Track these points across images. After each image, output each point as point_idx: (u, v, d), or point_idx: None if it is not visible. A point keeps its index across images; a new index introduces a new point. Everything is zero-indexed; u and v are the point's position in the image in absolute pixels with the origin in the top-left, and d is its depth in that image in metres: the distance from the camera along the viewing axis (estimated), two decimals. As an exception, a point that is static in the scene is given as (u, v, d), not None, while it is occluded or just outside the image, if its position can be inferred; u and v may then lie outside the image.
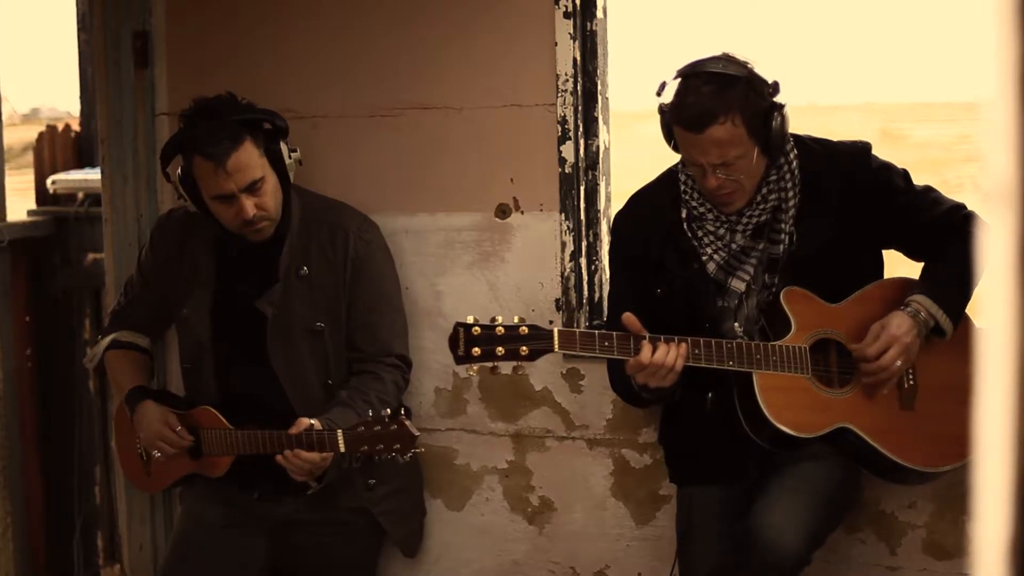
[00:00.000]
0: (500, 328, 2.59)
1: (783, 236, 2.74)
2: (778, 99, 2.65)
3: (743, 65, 2.64)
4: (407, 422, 2.79)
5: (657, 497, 3.25)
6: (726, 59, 2.65)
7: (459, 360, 2.61)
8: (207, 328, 3.11)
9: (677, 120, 2.64)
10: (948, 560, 3.04)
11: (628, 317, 2.62)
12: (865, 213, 2.75)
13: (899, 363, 2.65)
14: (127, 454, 3.31)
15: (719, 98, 2.59)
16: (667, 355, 2.58)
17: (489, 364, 2.60)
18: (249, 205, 2.93)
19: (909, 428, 2.72)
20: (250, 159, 2.93)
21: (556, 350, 2.61)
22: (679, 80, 2.66)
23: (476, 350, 2.59)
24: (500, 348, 2.59)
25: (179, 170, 3.00)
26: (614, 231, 3.00)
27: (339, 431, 2.82)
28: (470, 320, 2.61)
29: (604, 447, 3.28)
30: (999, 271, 0.74)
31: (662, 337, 2.61)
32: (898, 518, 3.07)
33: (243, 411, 3.05)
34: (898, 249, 2.83)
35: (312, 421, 2.87)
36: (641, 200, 2.94)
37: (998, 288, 0.73)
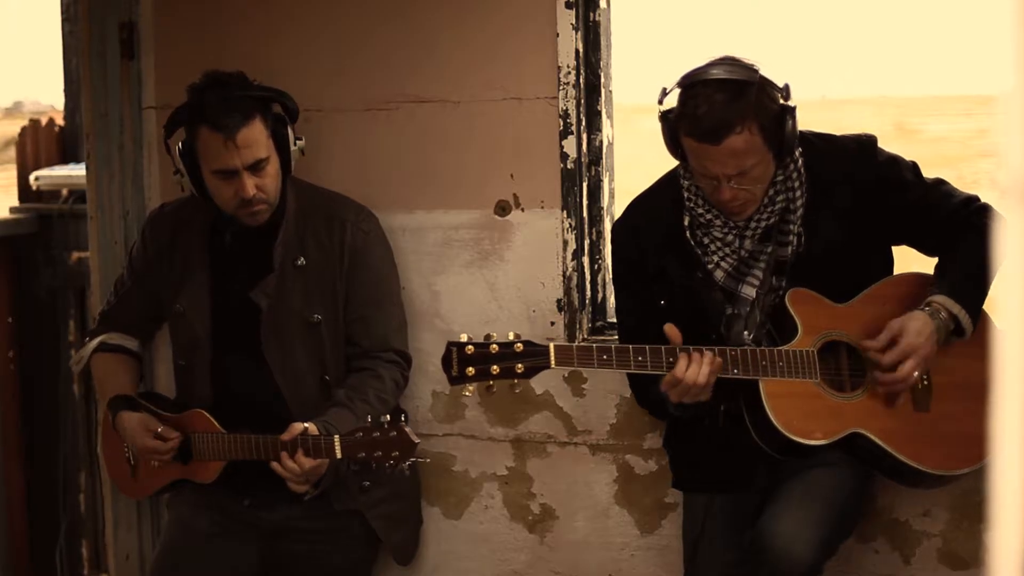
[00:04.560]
0: (494, 346, 2.59)
1: (791, 237, 2.74)
2: (789, 102, 2.63)
3: (750, 68, 2.60)
4: (407, 429, 2.79)
5: (663, 505, 3.26)
6: (731, 63, 2.61)
7: (453, 381, 2.62)
8: (206, 322, 3.11)
9: (690, 132, 2.59)
10: (964, 570, 3.04)
11: (671, 329, 2.61)
12: (874, 209, 2.74)
13: (916, 374, 2.65)
14: (114, 459, 3.31)
15: (733, 106, 2.55)
16: (698, 373, 2.58)
17: (484, 383, 2.61)
18: (250, 184, 2.94)
19: (924, 430, 2.72)
20: (258, 137, 2.95)
21: (552, 366, 2.61)
22: (684, 88, 2.62)
23: (470, 370, 2.59)
24: (495, 367, 2.59)
25: (180, 144, 3.01)
26: (613, 241, 2.99)
27: (336, 437, 2.82)
28: (463, 338, 2.60)
29: (607, 453, 3.29)
30: (1017, 268, 0.74)
31: (691, 348, 2.60)
32: (912, 526, 3.07)
33: (237, 410, 3.05)
34: (911, 245, 2.83)
35: (306, 425, 2.87)
36: (639, 206, 2.92)
37: (1016, 285, 0.73)
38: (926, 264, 2.83)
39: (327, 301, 3.08)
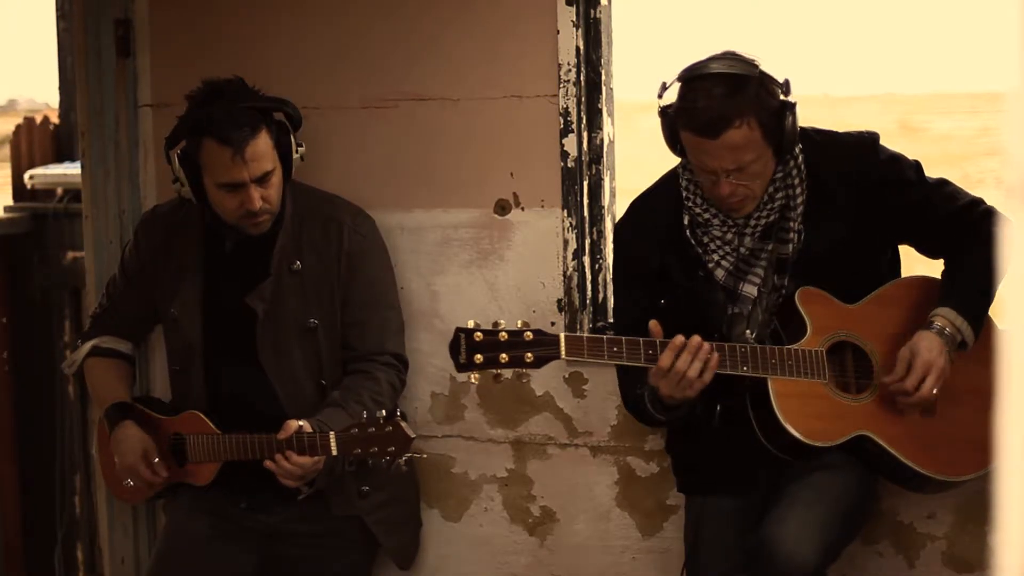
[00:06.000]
0: (503, 334, 2.58)
1: (792, 235, 2.73)
2: (789, 98, 2.63)
3: (750, 63, 2.61)
4: (403, 423, 2.80)
5: (664, 507, 3.25)
6: (731, 58, 2.62)
7: (461, 368, 2.61)
8: (198, 327, 3.11)
9: (688, 126, 2.60)
10: (969, 573, 3.04)
11: (655, 325, 2.61)
12: (875, 208, 2.74)
13: (936, 390, 2.65)
14: (109, 463, 3.30)
15: (732, 101, 2.56)
16: (689, 364, 2.57)
17: (492, 371, 2.60)
18: (256, 196, 2.94)
19: (930, 435, 2.72)
20: (265, 149, 2.95)
21: (563, 357, 2.61)
22: (684, 83, 2.63)
23: (478, 357, 2.58)
24: (504, 355, 2.58)
25: (178, 151, 3.01)
26: (615, 241, 2.99)
27: (331, 433, 2.82)
28: (471, 325, 2.60)
29: (608, 455, 3.28)
30: (1022, 271, 0.74)
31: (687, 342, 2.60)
32: (917, 529, 3.07)
33: (233, 414, 3.05)
34: (912, 245, 2.83)
35: (301, 423, 2.87)
36: (640, 206, 2.92)
37: (1021, 289, 0.73)
38: (932, 265, 2.83)
39: (323, 305, 3.08)
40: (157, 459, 3.05)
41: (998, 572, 0.79)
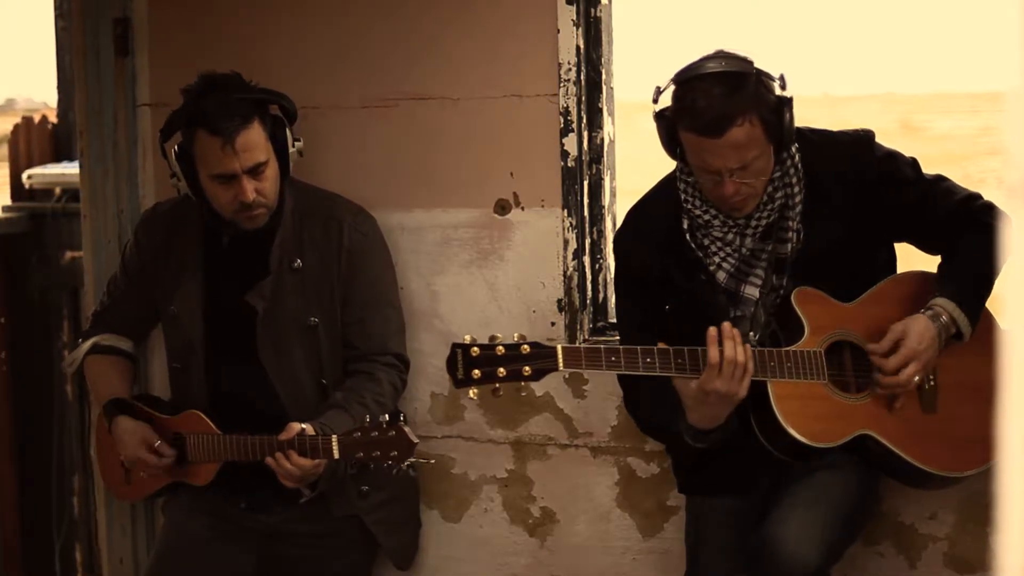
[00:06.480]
0: (500, 348, 2.58)
1: (791, 234, 2.74)
2: (785, 93, 2.64)
3: (744, 60, 2.61)
4: (406, 428, 2.80)
5: (665, 508, 3.26)
6: (725, 56, 2.62)
7: (458, 384, 2.60)
8: (199, 325, 3.11)
9: (690, 127, 2.59)
10: (971, 574, 3.04)
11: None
12: (873, 206, 2.74)
13: (916, 379, 2.66)
14: (107, 462, 3.31)
15: (732, 99, 2.55)
16: (735, 348, 2.55)
17: (491, 386, 2.60)
18: (250, 188, 2.95)
19: (931, 431, 2.72)
20: (258, 140, 2.96)
21: (560, 368, 2.60)
22: (680, 84, 2.62)
23: (476, 372, 2.58)
24: (501, 369, 2.58)
25: (176, 147, 3.01)
26: (615, 250, 2.99)
27: (334, 436, 2.82)
28: (468, 340, 2.60)
29: (609, 455, 3.29)
30: (1023, 268, 0.74)
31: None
32: (918, 530, 3.07)
33: (233, 413, 3.05)
34: (910, 242, 2.83)
35: (304, 426, 2.87)
36: (639, 213, 2.92)
37: (1021, 288, 0.73)
38: (930, 262, 2.83)
39: (324, 304, 3.08)
40: (159, 442, 3.05)
41: (999, 573, 0.80)
